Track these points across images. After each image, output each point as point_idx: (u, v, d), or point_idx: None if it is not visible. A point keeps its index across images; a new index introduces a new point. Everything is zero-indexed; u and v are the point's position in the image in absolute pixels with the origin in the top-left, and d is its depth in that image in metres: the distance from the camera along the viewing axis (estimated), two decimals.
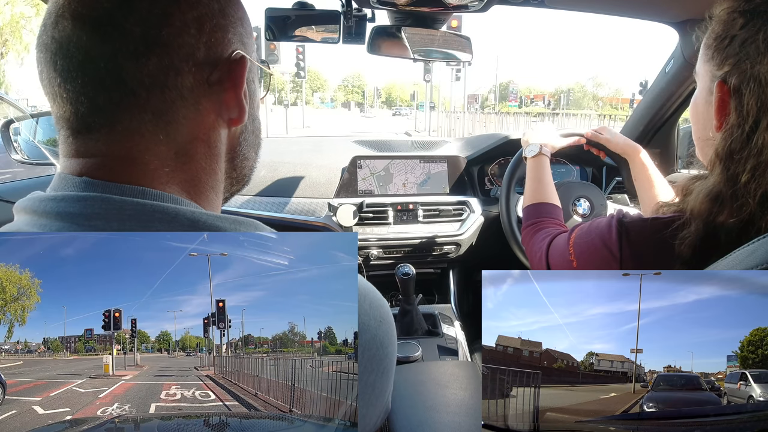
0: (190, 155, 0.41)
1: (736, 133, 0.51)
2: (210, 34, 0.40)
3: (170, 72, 0.38)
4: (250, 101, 0.45)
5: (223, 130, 0.43)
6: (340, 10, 1.14)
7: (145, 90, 0.37)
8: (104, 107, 0.38)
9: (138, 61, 0.37)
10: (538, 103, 56.66)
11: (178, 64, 0.38)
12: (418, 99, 30.17)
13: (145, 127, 0.38)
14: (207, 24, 0.40)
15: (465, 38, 1.27)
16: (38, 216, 0.37)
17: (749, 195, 0.49)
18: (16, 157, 1.26)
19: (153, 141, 0.39)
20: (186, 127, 0.40)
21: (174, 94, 0.39)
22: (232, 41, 0.42)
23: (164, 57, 0.38)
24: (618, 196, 1.36)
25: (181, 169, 0.41)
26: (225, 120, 0.43)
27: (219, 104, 0.42)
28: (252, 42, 0.46)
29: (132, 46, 0.37)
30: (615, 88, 68.11)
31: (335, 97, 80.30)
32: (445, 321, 1.27)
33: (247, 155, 0.47)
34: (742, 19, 0.51)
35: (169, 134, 0.39)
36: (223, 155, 0.44)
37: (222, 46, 0.41)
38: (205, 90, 0.40)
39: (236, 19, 0.43)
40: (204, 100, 0.40)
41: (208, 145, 0.42)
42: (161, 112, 0.39)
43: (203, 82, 0.40)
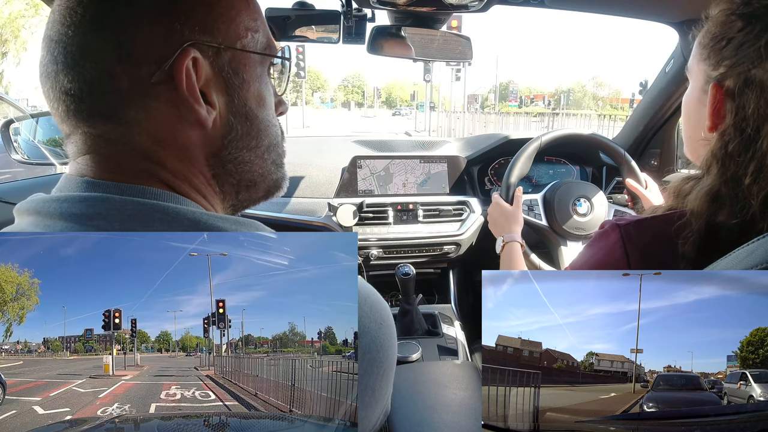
0: (160, 158, 0.39)
1: (734, 137, 0.51)
2: (150, 28, 0.37)
3: (104, 77, 0.37)
4: (236, 97, 0.41)
5: (194, 130, 0.40)
6: (340, 10, 1.14)
7: (87, 95, 0.37)
8: (64, 115, 0.39)
9: (75, 69, 0.37)
10: (538, 103, 56.64)
11: (110, 67, 0.37)
12: (418, 99, 30.17)
13: (105, 131, 0.38)
14: (143, 20, 0.37)
15: (465, 38, 1.27)
16: (42, 217, 0.37)
17: (752, 197, 0.49)
18: (16, 157, 1.26)
19: (119, 144, 0.39)
20: (143, 129, 0.38)
21: (115, 98, 0.37)
22: (184, 33, 0.38)
23: (97, 62, 0.37)
24: (618, 196, 1.36)
25: (155, 171, 0.40)
26: (190, 121, 0.39)
27: (172, 104, 0.38)
28: (233, 26, 0.40)
29: (66, 55, 0.37)
30: (615, 88, 68.13)
31: (335, 97, 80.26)
32: (445, 321, 1.27)
33: (241, 159, 0.43)
34: (741, 22, 0.51)
35: (129, 137, 0.38)
36: (203, 159, 0.41)
37: (165, 41, 0.37)
38: (149, 90, 0.38)
39: (193, 5, 0.38)
40: (151, 102, 0.38)
41: (177, 148, 0.40)
42: (107, 115, 0.38)
43: (143, 83, 0.37)
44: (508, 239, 1.09)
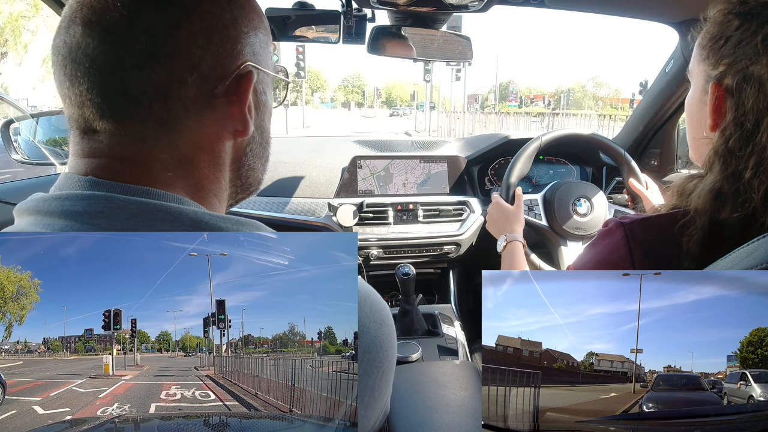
0: (193, 163, 0.41)
1: (735, 132, 0.52)
2: (218, 45, 0.39)
3: (174, 83, 0.38)
4: (260, 113, 0.45)
5: (229, 141, 0.43)
6: (340, 10, 1.14)
7: (148, 99, 0.38)
8: (108, 113, 0.38)
9: (142, 71, 0.37)
10: (538, 103, 56.63)
11: (182, 75, 0.38)
12: (418, 99, 30.17)
13: (148, 134, 0.39)
14: (215, 35, 0.39)
15: (465, 38, 1.27)
16: (42, 216, 0.37)
17: (753, 190, 0.50)
18: (16, 157, 1.26)
19: (156, 147, 0.39)
20: (189, 136, 0.40)
21: (177, 105, 0.39)
22: (243, 53, 0.41)
23: (169, 68, 0.37)
24: (618, 196, 1.36)
25: (184, 175, 0.41)
26: (230, 131, 0.42)
27: (224, 116, 0.41)
28: (267, 51, 0.45)
29: (137, 56, 0.37)
30: (615, 88, 68.13)
31: (335, 97, 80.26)
32: (445, 321, 1.27)
33: (253, 166, 0.47)
34: (738, 21, 0.52)
35: (171, 142, 0.40)
36: (228, 165, 0.44)
37: (230, 58, 0.40)
38: (210, 102, 0.40)
39: (249, 29, 0.42)
40: (208, 112, 0.40)
41: (212, 155, 0.42)
42: (164, 121, 0.39)
43: (208, 94, 0.40)
44: (510, 239, 1.09)
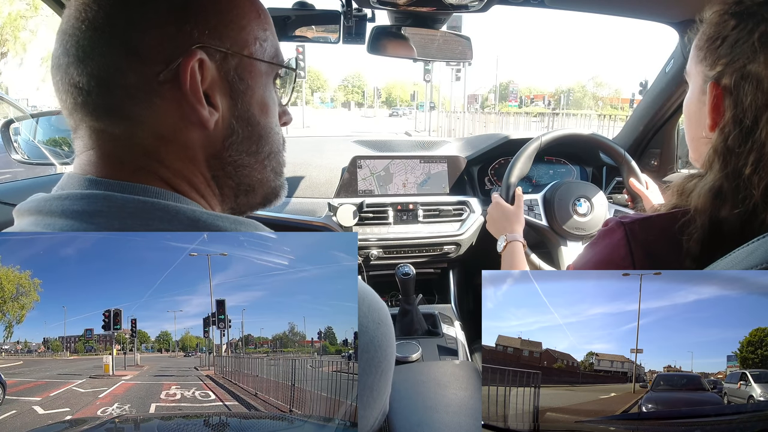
0: (160, 155, 0.40)
1: (734, 130, 0.52)
2: (161, 28, 0.38)
3: (112, 72, 0.38)
4: (241, 102, 0.42)
5: (196, 131, 0.41)
6: (340, 10, 1.14)
7: (94, 89, 0.38)
8: (71, 108, 0.39)
9: (84, 62, 0.38)
10: (538, 103, 56.59)
11: (119, 63, 0.38)
12: (418, 99, 30.15)
13: (107, 126, 0.39)
14: (155, 19, 0.38)
15: (465, 38, 1.27)
16: (43, 215, 0.38)
17: (753, 187, 0.50)
18: (16, 157, 1.26)
19: (122, 140, 0.39)
20: (146, 126, 0.39)
21: (121, 93, 0.38)
22: (194, 36, 0.38)
23: (107, 56, 0.37)
24: (618, 196, 1.36)
25: (157, 169, 0.40)
26: (192, 121, 0.40)
27: (180, 103, 0.39)
28: (250, 36, 0.42)
29: (77, 48, 0.38)
30: (615, 88, 68.12)
31: (335, 97, 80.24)
32: (445, 321, 1.27)
33: (240, 162, 0.44)
34: (734, 20, 0.53)
35: (131, 133, 0.39)
36: (203, 160, 0.42)
37: (175, 41, 0.38)
38: (157, 89, 0.38)
39: (205, 9, 0.39)
40: (157, 100, 0.39)
41: (179, 147, 0.41)
42: (111, 110, 0.38)
43: (152, 80, 0.38)
44: (510, 239, 1.09)
